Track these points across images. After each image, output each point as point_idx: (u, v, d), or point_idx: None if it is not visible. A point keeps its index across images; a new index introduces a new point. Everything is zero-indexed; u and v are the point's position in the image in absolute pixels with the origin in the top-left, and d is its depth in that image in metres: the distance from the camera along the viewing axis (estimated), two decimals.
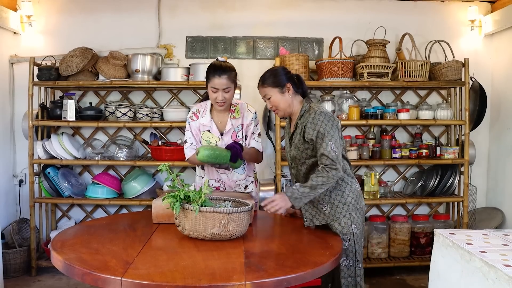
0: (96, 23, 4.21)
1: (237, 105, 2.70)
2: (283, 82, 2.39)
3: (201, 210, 2.00)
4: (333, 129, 2.25)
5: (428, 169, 4.22)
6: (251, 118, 2.71)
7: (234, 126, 2.68)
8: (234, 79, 2.62)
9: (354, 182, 2.39)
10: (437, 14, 4.30)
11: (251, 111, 2.73)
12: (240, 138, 2.68)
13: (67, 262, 1.77)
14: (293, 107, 2.43)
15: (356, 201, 2.36)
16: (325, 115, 2.27)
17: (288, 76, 2.41)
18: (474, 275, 1.53)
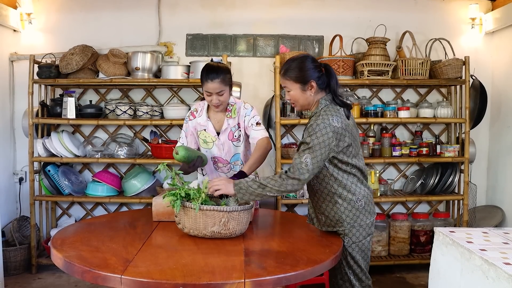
0: (96, 21, 4.20)
1: (234, 104, 2.69)
2: (307, 78, 2.14)
3: (201, 208, 2.00)
4: (321, 145, 2.03)
5: (428, 167, 4.22)
6: (245, 114, 2.67)
7: (231, 125, 2.67)
8: (229, 81, 2.58)
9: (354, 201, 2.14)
10: (438, 12, 4.30)
11: (247, 108, 2.70)
12: (236, 137, 2.68)
13: (67, 260, 1.77)
14: (313, 105, 2.23)
15: (355, 219, 2.15)
16: (324, 127, 2.04)
17: (314, 71, 2.15)
18: (474, 273, 1.53)
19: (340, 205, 2.15)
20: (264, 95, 4.18)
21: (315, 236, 2.27)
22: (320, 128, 2.05)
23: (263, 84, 4.22)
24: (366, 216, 2.18)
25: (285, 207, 4.10)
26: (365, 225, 2.18)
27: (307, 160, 2.03)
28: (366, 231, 2.18)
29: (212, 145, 2.70)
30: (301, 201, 3.89)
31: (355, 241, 2.16)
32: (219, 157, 2.73)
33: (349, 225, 2.15)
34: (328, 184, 2.15)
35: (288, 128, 4.21)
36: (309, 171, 2.04)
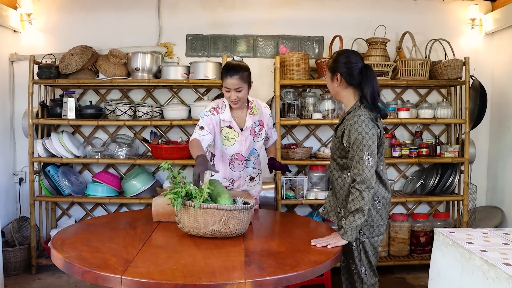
0: (96, 21, 4.20)
1: (253, 101, 2.81)
2: (334, 70, 2.29)
3: (201, 206, 2.00)
4: (372, 138, 2.13)
5: (428, 167, 4.22)
6: (268, 114, 2.85)
7: (253, 121, 2.77)
8: (248, 78, 2.66)
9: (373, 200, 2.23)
10: (438, 13, 4.30)
11: (267, 107, 2.88)
12: (257, 133, 2.79)
13: (67, 260, 1.77)
14: (342, 98, 2.33)
15: (372, 218, 2.24)
16: (366, 125, 2.14)
17: (346, 66, 2.26)
18: (474, 274, 1.53)
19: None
20: (264, 95, 4.17)
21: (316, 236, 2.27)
22: (366, 124, 2.14)
23: (263, 84, 4.22)
24: (381, 217, 2.27)
25: (285, 208, 4.10)
26: (379, 224, 2.28)
27: (368, 158, 2.11)
28: (379, 229, 2.28)
29: (234, 142, 2.75)
30: (301, 201, 3.89)
31: (368, 237, 2.26)
32: (239, 154, 2.77)
33: (366, 222, 2.22)
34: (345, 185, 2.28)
35: (288, 129, 4.21)
36: (372, 166, 2.11)
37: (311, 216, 4.05)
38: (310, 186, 3.99)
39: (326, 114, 3.96)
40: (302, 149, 3.93)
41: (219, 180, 2.56)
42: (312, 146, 4.15)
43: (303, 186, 3.90)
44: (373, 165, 2.12)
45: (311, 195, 3.88)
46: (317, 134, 4.28)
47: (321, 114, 3.93)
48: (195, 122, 3.86)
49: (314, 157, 4.05)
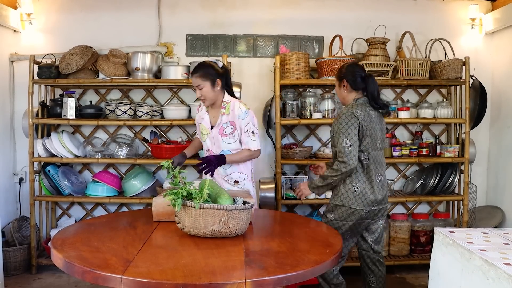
0: (96, 21, 4.20)
1: (229, 102, 2.84)
2: (342, 77, 2.77)
3: (201, 207, 2.00)
4: (352, 127, 2.58)
5: (428, 167, 4.22)
6: (239, 116, 2.79)
7: (223, 122, 2.82)
8: (210, 76, 2.78)
9: (356, 186, 2.64)
10: (438, 12, 4.30)
11: (242, 109, 2.81)
12: (227, 133, 2.82)
13: (68, 260, 1.77)
14: (347, 102, 2.80)
15: (347, 200, 2.64)
16: (344, 115, 2.61)
17: (351, 74, 2.75)
18: (474, 274, 1.53)
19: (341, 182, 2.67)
20: (264, 95, 4.18)
21: (316, 236, 2.27)
22: (346, 116, 2.61)
23: (263, 84, 4.22)
24: (355, 205, 2.63)
25: (285, 208, 4.10)
26: (350, 212, 2.65)
27: (347, 143, 2.56)
28: (349, 216, 2.65)
29: (206, 138, 2.91)
30: (301, 201, 3.89)
31: (336, 219, 2.69)
32: (211, 150, 2.90)
33: (342, 205, 2.66)
34: None
35: (288, 129, 4.21)
36: (351, 151, 2.56)
37: (311, 216, 4.05)
38: None
39: (326, 113, 3.96)
40: (302, 149, 3.93)
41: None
42: (312, 146, 4.15)
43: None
44: (352, 150, 2.55)
45: (311, 195, 3.88)
46: (317, 134, 4.28)
47: (321, 114, 3.93)
48: (195, 122, 3.87)
49: (314, 157, 4.05)
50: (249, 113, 2.81)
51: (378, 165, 2.70)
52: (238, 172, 2.89)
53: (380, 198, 2.68)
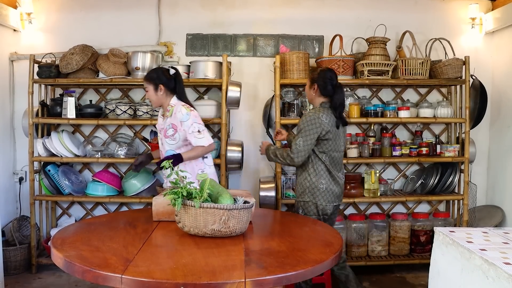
0: (96, 21, 4.20)
1: (174, 106, 3.00)
2: (314, 81, 2.98)
3: (201, 206, 2.00)
4: (311, 131, 2.81)
5: (428, 167, 4.22)
6: (181, 119, 2.93)
7: (167, 124, 3.00)
8: (153, 80, 3.00)
9: (324, 182, 2.89)
10: (438, 12, 4.30)
11: (182, 112, 2.95)
12: (169, 135, 2.99)
13: (68, 260, 1.77)
14: (314, 104, 3.03)
15: (314, 196, 2.89)
16: (309, 118, 2.84)
17: (322, 80, 2.94)
18: (474, 273, 1.53)
19: (308, 181, 2.90)
20: (264, 95, 4.18)
21: (316, 235, 2.27)
22: (311, 118, 2.82)
23: (263, 84, 4.22)
24: (322, 200, 2.88)
25: (285, 207, 4.10)
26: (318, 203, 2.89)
27: (300, 143, 2.81)
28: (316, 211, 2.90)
29: (158, 139, 3.14)
30: None
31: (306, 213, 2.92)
32: (161, 152, 3.10)
33: (312, 198, 2.89)
34: (306, 162, 2.90)
35: (288, 128, 4.21)
36: (300, 151, 2.82)
37: None
38: None
39: None
40: None
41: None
42: None
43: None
44: (301, 150, 2.80)
45: None
46: None
47: None
48: None
49: None
50: (191, 115, 2.94)
51: (338, 165, 2.97)
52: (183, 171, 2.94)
53: (340, 193, 3.00)
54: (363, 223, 4.00)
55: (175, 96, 3.04)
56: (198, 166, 3.04)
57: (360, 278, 3.82)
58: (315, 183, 2.88)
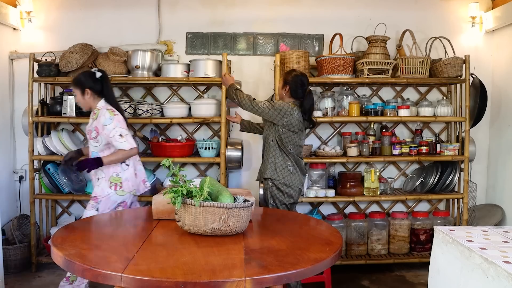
0: (96, 19, 4.20)
1: (99, 110, 3.05)
2: (286, 82, 3.18)
3: (201, 205, 2.00)
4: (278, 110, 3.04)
5: (428, 166, 4.22)
6: (103, 123, 2.97)
7: (92, 126, 3.05)
8: (78, 84, 3.06)
9: (290, 165, 3.13)
10: (438, 11, 4.29)
11: (106, 116, 2.99)
12: (93, 137, 3.04)
13: (68, 258, 1.77)
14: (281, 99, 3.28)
15: (284, 177, 3.11)
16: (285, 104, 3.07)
17: (295, 84, 3.15)
18: (473, 272, 1.53)
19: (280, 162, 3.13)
20: (264, 93, 4.18)
21: (315, 234, 2.28)
22: (284, 104, 3.06)
23: (263, 82, 4.22)
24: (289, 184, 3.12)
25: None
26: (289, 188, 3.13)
27: (263, 106, 3.05)
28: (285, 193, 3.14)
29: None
30: (301, 199, 3.89)
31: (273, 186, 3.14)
32: (89, 152, 3.14)
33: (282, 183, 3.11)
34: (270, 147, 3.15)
35: None
36: (255, 107, 3.07)
37: (311, 214, 4.06)
38: (310, 184, 3.99)
39: (326, 112, 3.96)
40: None
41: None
42: (312, 144, 4.15)
43: (303, 184, 3.89)
44: (260, 108, 3.05)
45: (311, 193, 3.89)
46: (317, 132, 4.28)
47: (321, 112, 3.93)
48: (195, 120, 3.88)
49: (314, 155, 4.05)
50: (114, 119, 2.97)
51: (300, 158, 3.22)
52: (100, 171, 3.06)
53: (303, 180, 3.24)
54: (363, 222, 4.00)
55: (103, 99, 3.08)
56: (113, 169, 3.04)
57: (360, 276, 3.83)
58: (283, 165, 3.14)
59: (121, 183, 3.03)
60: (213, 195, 2.14)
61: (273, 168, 3.13)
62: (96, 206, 3.01)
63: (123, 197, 3.06)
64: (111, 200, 3.02)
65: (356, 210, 4.26)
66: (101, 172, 3.05)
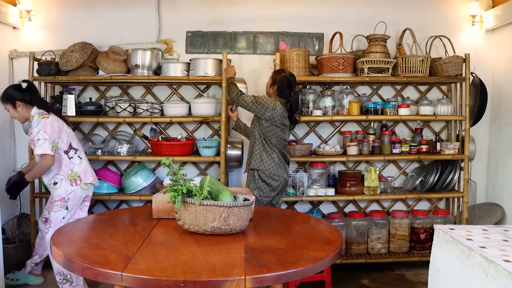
0: (96, 18, 4.20)
1: (33, 116, 3.11)
2: (275, 82, 3.33)
3: (201, 203, 2.00)
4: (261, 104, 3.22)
5: (428, 164, 4.22)
6: (32, 126, 3.05)
7: (28, 133, 3.14)
8: (8, 100, 3.14)
9: (276, 157, 3.26)
10: (438, 9, 4.29)
11: (34, 119, 3.07)
12: (33, 143, 3.10)
13: (68, 257, 1.77)
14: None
15: (269, 168, 3.24)
16: (269, 100, 3.25)
17: (282, 84, 3.30)
18: (473, 270, 1.53)
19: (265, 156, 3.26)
20: (264, 92, 4.16)
21: (315, 233, 2.28)
22: (267, 99, 3.25)
23: (263, 81, 4.19)
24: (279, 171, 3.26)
25: (285, 205, 4.10)
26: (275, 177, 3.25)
27: (248, 100, 3.24)
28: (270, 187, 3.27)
29: None
30: (301, 198, 3.89)
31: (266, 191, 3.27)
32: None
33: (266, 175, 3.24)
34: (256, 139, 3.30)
35: None
36: (241, 101, 3.27)
37: (311, 213, 4.06)
38: (310, 183, 3.99)
39: (326, 111, 3.96)
40: (302, 146, 3.93)
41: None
42: (312, 143, 4.15)
43: (303, 183, 3.90)
44: (245, 102, 3.25)
45: (311, 192, 3.89)
46: (317, 131, 4.28)
47: (321, 111, 3.93)
48: (195, 119, 3.88)
49: (314, 153, 4.05)
50: (40, 122, 3.04)
51: (284, 151, 3.36)
52: (54, 175, 3.18)
53: (288, 170, 3.40)
54: (363, 221, 4.00)
55: (35, 107, 3.15)
56: (67, 167, 3.19)
57: (360, 275, 3.83)
58: (269, 156, 3.27)
59: (79, 177, 3.21)
60: (213, 194, 2.14)
61: (259, 159, 3.26)
62: (65, 204, 3.18)
63: (87, 191, 3.27)
64: (77, 195, 3.21)
65: (356, 209, 4.26)
66: (56, 177, 3.19)
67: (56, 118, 3.16)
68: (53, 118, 3.13)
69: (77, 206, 3.26)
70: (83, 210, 3.33)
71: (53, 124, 3.09)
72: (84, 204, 3.32)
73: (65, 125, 3.24)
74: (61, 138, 3.17)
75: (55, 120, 3.13)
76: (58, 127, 3.13)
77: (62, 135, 3.18)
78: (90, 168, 3.34)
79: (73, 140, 3.29)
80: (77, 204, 3.25)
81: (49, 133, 3.05)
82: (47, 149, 3.03)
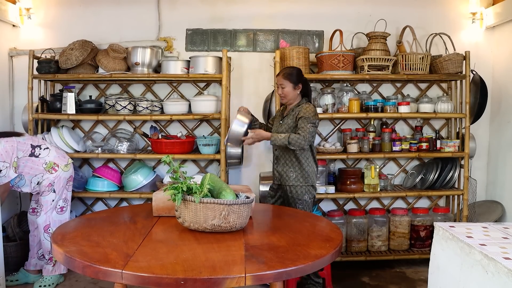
0: (96, 16, 4.19)
1: None
2: (298, 81, 3.18)
3: (201, 201, 2.01)
4: (315, 117, 3.07)
5: (429, 162, 4.22)
6: None
7: None
8: None
9: (315, 165, 3.21)
10: (438, 7, 4.28)
11: None
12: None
13: (68, 255, 1.78)
14: (294, 100, 3.22)
15: (312, 178, 3.17)
16: (312, 108, 3.11)
17: (302, 79, 3.21)
18: (473, 268, 1.53)
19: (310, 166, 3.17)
20: (264, 90, 4.17)
21: (316, 230, 2.28)
22: (314, 109, 3.10)
23: (263, 79, 4.21)
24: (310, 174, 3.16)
25: None
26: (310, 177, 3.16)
27: (311, 128, 3.03)
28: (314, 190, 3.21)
29: None
30: None
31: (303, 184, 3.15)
32: None
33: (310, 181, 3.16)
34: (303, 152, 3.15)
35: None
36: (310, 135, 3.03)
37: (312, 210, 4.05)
38: None
39: (326, 108, 3.96)
40: None
41: None
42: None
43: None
44: (311, 135, 3.03)
45: None
46: (317, 129, 4.27)
47: (321, 109, 3.93)
48: (195, 117, 3.88)
49: None
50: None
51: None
52: (35, 176, 3.31)
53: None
54: (363, 218, 4.00)
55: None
56: (40, 162, 3.31)
57: (360, 273, 3.83)
58: (313, 165, 3.19)
59: (55, 163, 3.35)
60: (215, 192, 2.15)
61: (305, 175, 3.14)
62: (52, 188, 3.34)
63: (69, 172, 3.44)
64: (62, 177, 3.38)
65: (356, 207, 4.27)
66: (38, 177, 3.32)
67: (5, 139, 3.15)
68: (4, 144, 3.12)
69: (63, 188, 3.42)
70: (68, 190, 3.50)
71: (6, 150, 3.11)
72: (69, 184, 3.48)
73: (14, 138, 3.22)
74: (20, 151, 3.21)
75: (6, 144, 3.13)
76: (11, 147, 3.14)
77: (19, 147, 3.20)
78: (58, 150, 3.51)
79: (30, 140, 3.33)
80: (62, 186, 3.41)
81: (6, 160, 3.10)
82: (11, 175, 3.15)
